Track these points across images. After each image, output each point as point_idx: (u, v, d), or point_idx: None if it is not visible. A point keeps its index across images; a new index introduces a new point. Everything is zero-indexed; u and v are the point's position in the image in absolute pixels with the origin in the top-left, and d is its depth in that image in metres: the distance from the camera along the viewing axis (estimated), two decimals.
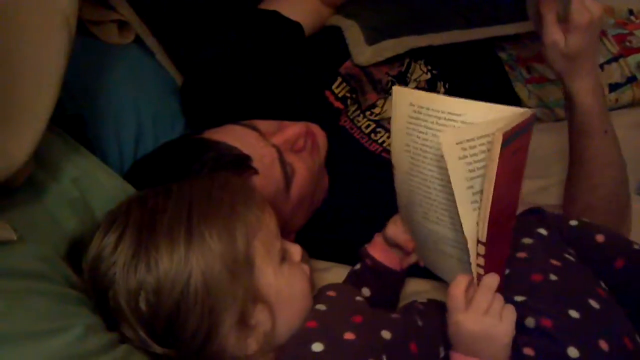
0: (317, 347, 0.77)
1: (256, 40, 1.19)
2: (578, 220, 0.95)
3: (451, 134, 0.73)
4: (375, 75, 1.22)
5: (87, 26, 1.15)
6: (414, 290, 1.03)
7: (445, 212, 0.79)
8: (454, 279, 0.77)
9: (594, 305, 0.81)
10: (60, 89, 0.76)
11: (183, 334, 0.74)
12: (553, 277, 0.84)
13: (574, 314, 0.80)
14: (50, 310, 0.68)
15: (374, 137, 1.17)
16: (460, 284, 0.76)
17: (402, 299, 1.01)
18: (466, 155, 0.73)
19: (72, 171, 0.83)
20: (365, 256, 0.97)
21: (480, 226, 0.73)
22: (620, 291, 0.86)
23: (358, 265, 0.98)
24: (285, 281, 0.80)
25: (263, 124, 1.04)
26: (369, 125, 1.19)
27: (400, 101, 0.80)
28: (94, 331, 0.70)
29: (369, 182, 1.13)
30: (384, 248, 0.96)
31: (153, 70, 1.19)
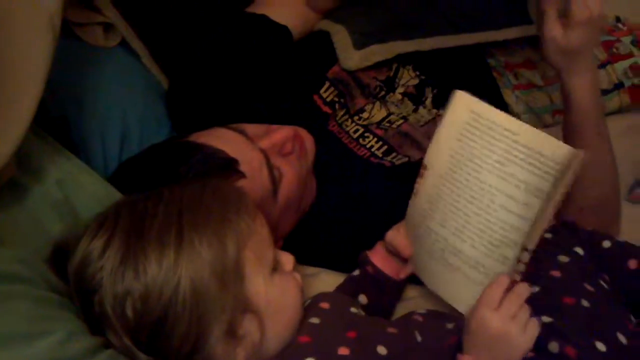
0: None
1: (243, 44, 1.19)
2: (610, 241, 0.94)
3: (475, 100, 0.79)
4: (363, 80, 1.22)
5: (72, 28, 1.14)
6: (402, 296, 1.02)
7: (467, 225, 0.80)
8: (457, 290, 0.77)
9: (622, 340, 0.79)
10: (43, 89, 0.75)
11: (169, 342, 0.72)
12: (585, 303, 0.83)
13: (601, 346, 0.78)
14: (32, 313, 0.66)
15: (362, 142, 1.17)
16: (502, 284, 0.75)
17: None
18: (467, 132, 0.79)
19: (56, 173, 0.82)
20: (366, 263, 0.95)
21: (533, 233, 0.74)
22: None
23: (357, 272, 0.97)
24: (276, 291, 0.79)
25: (250, 128, 1.03)
26: (357, 130, 1.18)
27: (461, 106, 0.80)
28: (76, 335, 0.68)
29: (357, 187, 1.12)
30: (385, 256, 0.95)
31: (139, 74, 1.18)
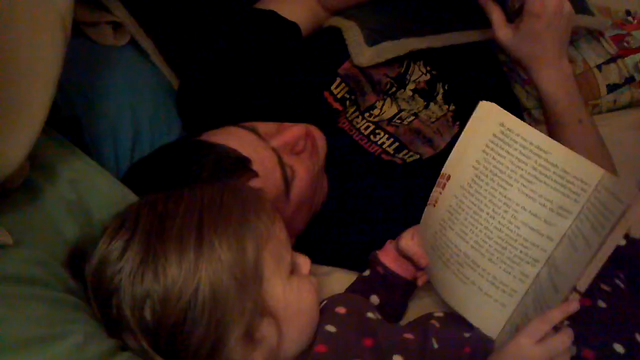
0: None
1: (253, 41, 1.18)
2: (625, 238, 0.92)
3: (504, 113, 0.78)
4: (374, 76, 1.21)
5: (82, 28, 1.13)
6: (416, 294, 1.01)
7: (487, 240, 0.79)
8: (473, 305, 0.76)
9: None
10: (56, 89, 0.74)
11: (187, 345, 0.71)
12: (601, 304, 0.82)
13: (619, 348, 0.77)
14: (48, 316, 0.66)
15: (374, 139, 1.16)
16: (553, 319, 0.72)
17: None
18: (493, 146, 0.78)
19: (69, 173, 0.81)
20: (376, 263, 0.94)
21: (585, 275, 0.72)
22: None
23: (367, 272, 0.96)
24: (294, 295, 0.78)
25: (262, 126, 1.02)
26: (368, 127, 1.17)
27: (490, 118, 0.79)
28: (94, 338, 0.68)
29: (368, 184, 1.11)
30: (395, 256, 0.94)
31: (148, 72, 1.17)
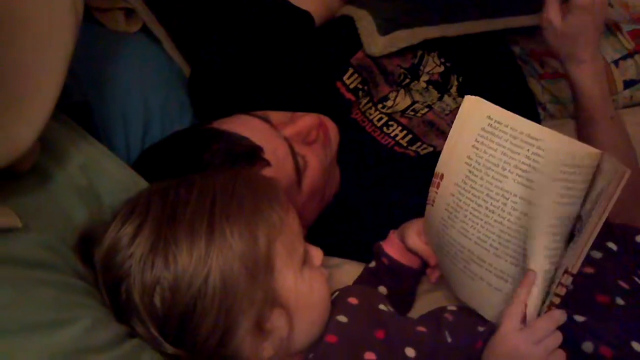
0: None
1: (265, 30, 1.17)
2: None
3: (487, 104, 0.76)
4: (387, 67, 1.20)
5: (93, 13, 1.13)
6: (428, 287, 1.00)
7: (489, 234, 0.77)
8: (483, 300, 0.75)
9: None
10: (66, 72, 0.73)
11: (197, 335, 0.70)
12: (620, 301, 0.81)
13: (638, 347, 0.76)
14: (57, 300, 0.65)
15: (386, 131, 1.15)
16: (521, 296, 0.72)
17: None
18: (485, 139, 0.75)
19: (79, 158, 0.80)
20: (381, 254, 0.94)
21: (575, 257, 0.71)
22: None
23: (373, 263, 0.95)
24: (305, 286, 0.77)
25: (274, 115, 1.01)
26: (381, 118, 1.16)
27: (476, 112, 0.78)
28: (102, 323, 0.67)
29: (380, 176, 1.10)
30: (400, 246, 0.93)
31: (160, 60, 1.17)
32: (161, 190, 0.75)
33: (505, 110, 0.77)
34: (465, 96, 0.79)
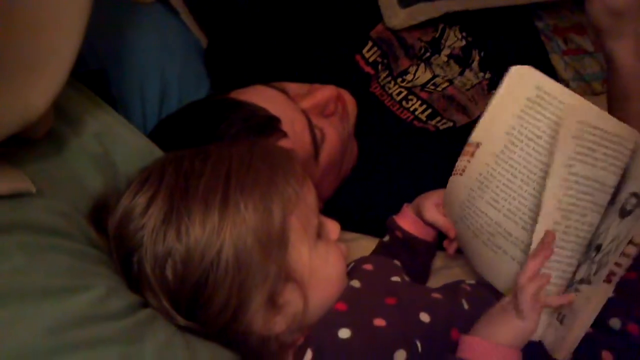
0: (344, 334, 0.72)
1: (284, 1, 1.15)
2: None
3: (581, 109, 0.73)
4: (407, 40, 1.18)
5: None
6: (443, 264, 0.99)
7: (521, 207, 0.76)
8: (503, 274, 0.74)
9: None
10: (82, 38, 0.72)
11: (209, 309, 0.69)
12: None
13: None
14: (71, 267, 0.64)
15: (406, 105, 1.13)
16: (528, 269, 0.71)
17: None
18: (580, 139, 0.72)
19: (95, 126, 0.79)
20: (395, 228, 0.92)
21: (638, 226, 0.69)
22: None
23: (387, 237, 0.94)
24: (320, 261, 0.75)
25: (292, 87, 1.00)
26: (400, 93, 1.14)
27: (524, 81, 0.76)
28: (116, 292, 0.66)
29: (399, 151, 1.09)
30: (414, 219, 0.92)
31: (177, 30, 1.16)
32: (176, 160, 0.74)
33: (554, 81, 0.75)
34: (513, 66, 0.77)
